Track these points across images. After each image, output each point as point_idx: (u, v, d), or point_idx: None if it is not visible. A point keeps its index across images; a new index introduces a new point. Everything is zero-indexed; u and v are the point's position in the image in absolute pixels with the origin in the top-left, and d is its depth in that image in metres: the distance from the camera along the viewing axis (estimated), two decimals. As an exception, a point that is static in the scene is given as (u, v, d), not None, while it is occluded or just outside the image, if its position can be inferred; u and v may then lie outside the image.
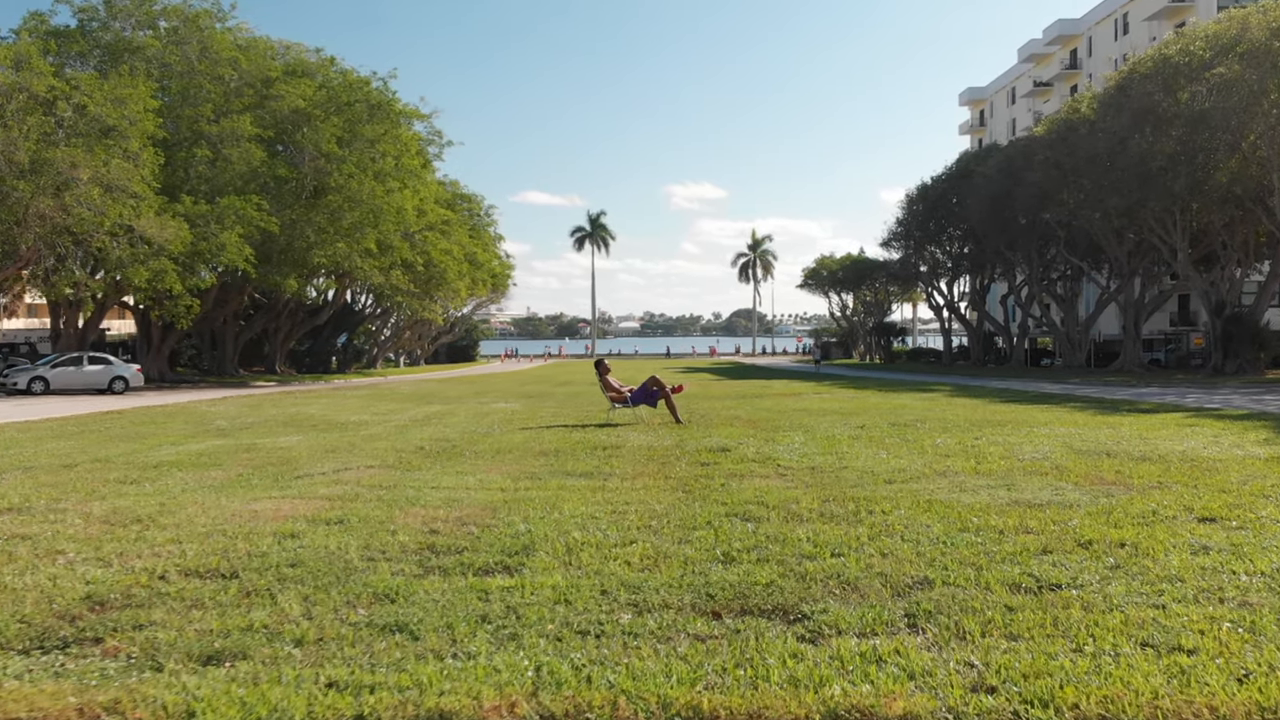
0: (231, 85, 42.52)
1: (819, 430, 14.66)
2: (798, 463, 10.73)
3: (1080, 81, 79.82)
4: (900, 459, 11.03)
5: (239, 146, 39.93)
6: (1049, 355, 72.53)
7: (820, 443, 12.79)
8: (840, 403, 23.05)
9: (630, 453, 11.81)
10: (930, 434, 13.94)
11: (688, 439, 13.39)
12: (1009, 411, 19.23)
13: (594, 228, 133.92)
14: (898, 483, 9.23)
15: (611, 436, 13.80)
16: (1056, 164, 49.56)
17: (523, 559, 5.93)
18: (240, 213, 38.02)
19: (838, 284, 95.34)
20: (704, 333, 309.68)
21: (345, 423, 17.75)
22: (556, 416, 18.67)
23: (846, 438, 13.42)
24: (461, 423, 17.25)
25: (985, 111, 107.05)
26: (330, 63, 46.57)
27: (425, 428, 16.17)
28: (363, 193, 43.15)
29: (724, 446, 12.29)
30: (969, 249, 65.51)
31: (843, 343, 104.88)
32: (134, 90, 36.08)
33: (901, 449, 12.05)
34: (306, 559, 5.98)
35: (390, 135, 45.70)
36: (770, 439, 13.34)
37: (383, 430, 15.76)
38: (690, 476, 9.67)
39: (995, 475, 9.69)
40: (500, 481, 9.37)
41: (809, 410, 19.90)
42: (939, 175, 66.90)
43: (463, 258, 58.32)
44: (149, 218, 34.51)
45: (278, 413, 21.24)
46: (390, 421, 17.90)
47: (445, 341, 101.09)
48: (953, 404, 22.32)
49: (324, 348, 69.68)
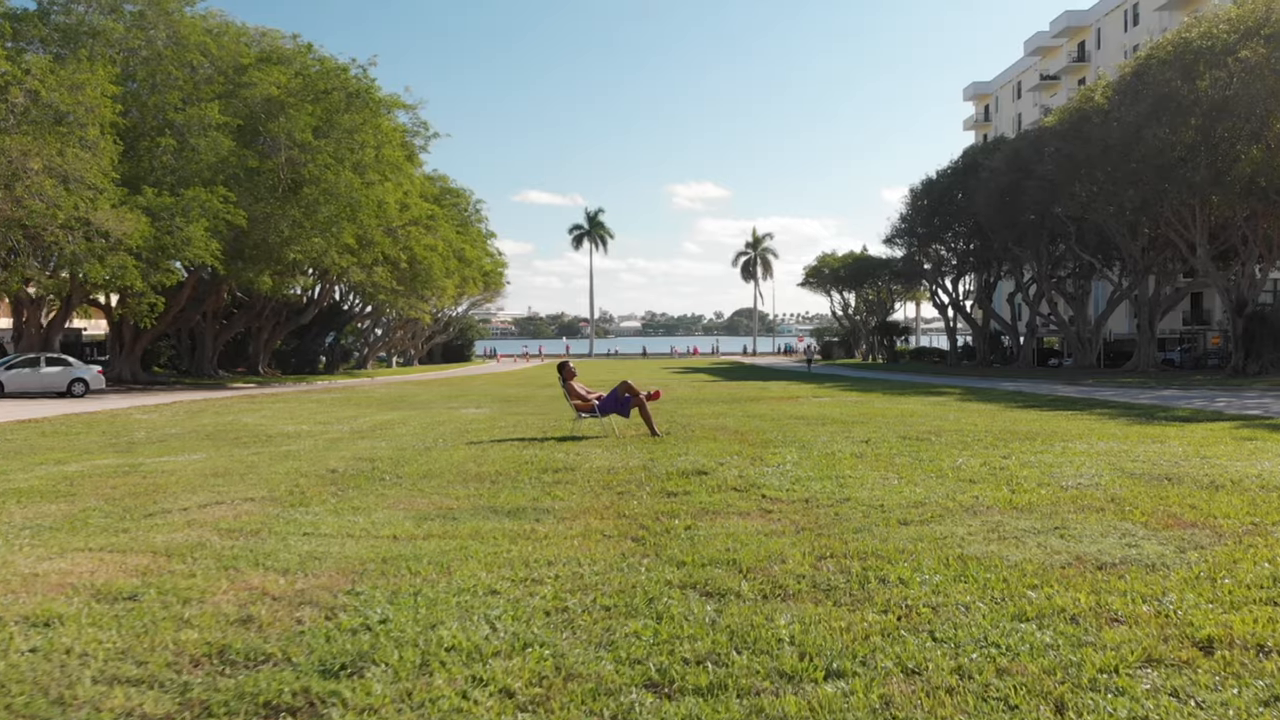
0: (201, 73, 40.34)
1: (817, 445, 12.51)
2: (788, 492, 8.60)
3: (1089, 74, 77.74)
4: (916, 486, 8.90)
5: (206, 136, 37.75)
6: (1056, 355, 70.42)
7: (817, 462, 10.66)
8: (842, 408, 20.90)
9: (584, 477, 9.68)
10: (948, 450, 11.80)
11: (660, 457, 11.25)
12: (1031, 419, 17.08)
13: (592, 225, 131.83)
14: (915, 524, 7.10)
15: (570, 454, 11.66)
16: (1068, 156, 47.41)
17: (341, 686, 3.78)
18: (206, 205, 35.86)
19: (840, 282, 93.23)
20: (705, 332, 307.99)
21: (275, 434, 15.60)
22: (520, 426, 16.57)
23: (849, 455, 11.27)
24: (407, 435, 15.08)
25: (990, 106, 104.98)
26: (307, 50, 44.35)
27: (360, 442, 14.02)
28: (340, 185, 40.97)
29: (701, 468, 10.15)
30: (975, 245, 63.30)
31: (845, 342, 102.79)
32: (92, 76, 33.95)
33: (916, 471, 9.91)
34: (10, 682, 3.86)
35: (370, 125, 43.46)
36: (758, 457, 11.20)
37: (309, 446, 13.60)
38: (649, 514, 7.54)
39: (1039, 512, 7.56)
40: (400, 524, 7.22)
41: (807, 418, 17.76)
42: (944, 169, 64.75)
43: (449, 254, 56.09)
44: (106, 210, 32.36)
45: (212, 422, 19.09)
46: (327, 433, 15.75)
47: (439, 341, 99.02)
48: (966, 410, 20.17)
49: (310, 348, 67.58)
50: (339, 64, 43.50)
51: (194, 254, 36.24)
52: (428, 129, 53.95)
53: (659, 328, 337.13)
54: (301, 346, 66.72)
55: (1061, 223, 52.61)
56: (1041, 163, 49.46)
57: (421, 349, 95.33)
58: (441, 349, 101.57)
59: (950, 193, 62.89)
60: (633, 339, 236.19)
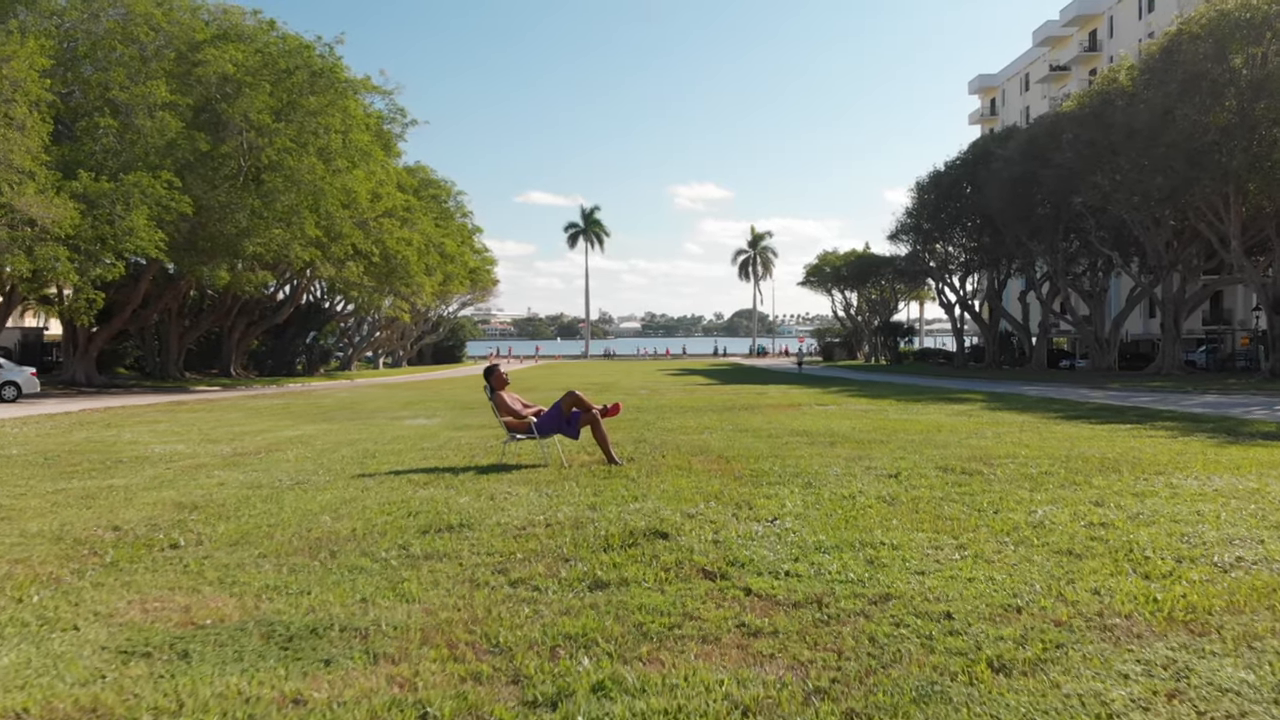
0: (150, 48, 36.92)
1: (828, 480, 9.17)
2: (789, 581, 5.29)
3: (1100, 64, 74.58)
4: (991, 567, 5.58)
5: (153, 116, 34.36)
6: (1067, 356, 67.17)
7: (831, 513, 7.33)
8: (853, 420, 17.50)
9: (474, 548, 6.33)
10: (1012, 489, 8.45)
11: (607, 502, 7.91)
12: (1091, 438, 13.69)
13: (588, 224, 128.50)
14: (1019, 669, 3.83)
15: (479, 497, 8.30)
16: (1089, 142, 44.15)
17: None
18: (148, 192, 32.48)
19: (841, 281, 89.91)
20: (705, 333, 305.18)
21: (134, 459, 12.19)
22: (450, 446, 13.15)
23: (875, 501, 7.92)
24: (289, 462, 11.58)
25: (997, 99, 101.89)
26: (270, 27, 40.89)
27: (219, 473, 10.55)
28: (302, 171, 37.56)
29: (659, 527, 6.78)
30: (985, 240, 59.88)
31: (846, 343, 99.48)
32: (21, 49, 30.61)
33: (981, 532, 6.59)
34: None
35: (336, 107, 40.00)
36: (746, 502, 7.86)
37: (148, 478, 10.12)
38: (537, 647, 4.24)
39: (1225, 630, 4.28)
40: (56, 681, 3.93)
41: (811, 435, 14.39)
42: (953, 160, 61.37)
43: (427, 249, 52.66)
44: (30, 195, 28.98)
45: (81, 438, 15.67)
46: (198, 457, 12.32)
47: (429, 342, 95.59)
48: (1001, 423, 16.80)
49: (287, 348, 64.17)
50: (303, 41, 40.09)
51: (136, 245, 32.91)
52: (405, 115, 50.68)
53: (659, 328, 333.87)
54: (278, 347, 63.41)
55: (1079, 215, 49.32)
56: (1059, 150, 46.23)
57: (410, 350, 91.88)
58: (432, 350, 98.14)
59: (959, 185, 59.64)
60: (632, 340, 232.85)
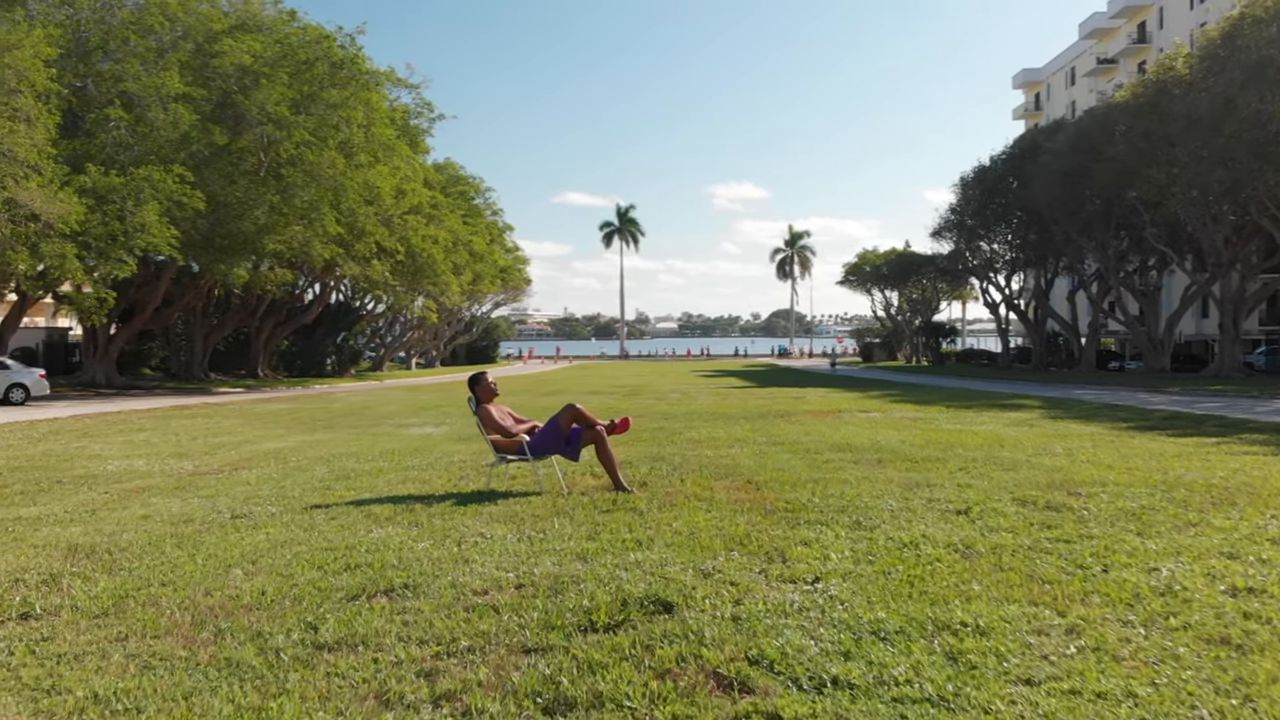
0: (166, 39, 35.73)
1: (881, 517, 7.44)
2: (834, 700, 3.62)
3: (1149, 56, 72.01)
4: (1121, 664, 3.88)
5: (166, 109, 33.13)
6: (1116, 358, 64.71)
7: (889, 570, 5.63)
8: (901, 431, 15.73)
9: (407, 629, 4.65)
10: (1114, 534, 6.68)
11: (601, 552, 6.24)
12: (1179, 455, 11.82)
13: (623, 223, 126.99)
14: None
15: (443, 541, 6.63)
16: (1144, 134, 41.95)
17: None
18: (159, 186, 31.23)
19: (882, 280, 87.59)
20: (743, 333, 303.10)
21: (82, 477, 10.67)
22: (433, 467, 11.35)
23: (944, 551, 6.18)
24: (247, 485, 9.86)
25: (1042, 94, 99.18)
26: (290, 17, 39.64)
27: (154, 501, 8.87)
28: (321, 165, 36.23)
29: (662, 595, 5.10)
30: (1032, 237, 57.63)
31: (886, 343, 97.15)
32: (27, 37, 29.46)
33: (1091, 602, 4.85)
34: None
35: (357, 99, 38.66)
36: (778, 551, 6.18)
37: (63, 509, 8.53)
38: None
39: None
40: None
41: (855, 450, 12.65)
42: (998, 155, 59.19)
43: (454, 246, 51.22)
44: (33, 189, 27.77)
45: (45, 450, 14.24)
46: (146, 477, 10.70)
47: (462, 342, 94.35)
48: (1068, 435, 14.97)
49: (316, 349, 63.11)
50: (324, 32, 38.76)
51: (147, 242, 31.70)
52: (432, 109, 49.37)
53: (695, 329, 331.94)
54: (307, 347, 62.40)
55: (1132, 210, 47.05)
56: (1111, 143, 44.02)
57: (444, 350, 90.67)
58: (465, 350, 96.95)
59: (1005, 180, 57.46)
60: (668, 340, 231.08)
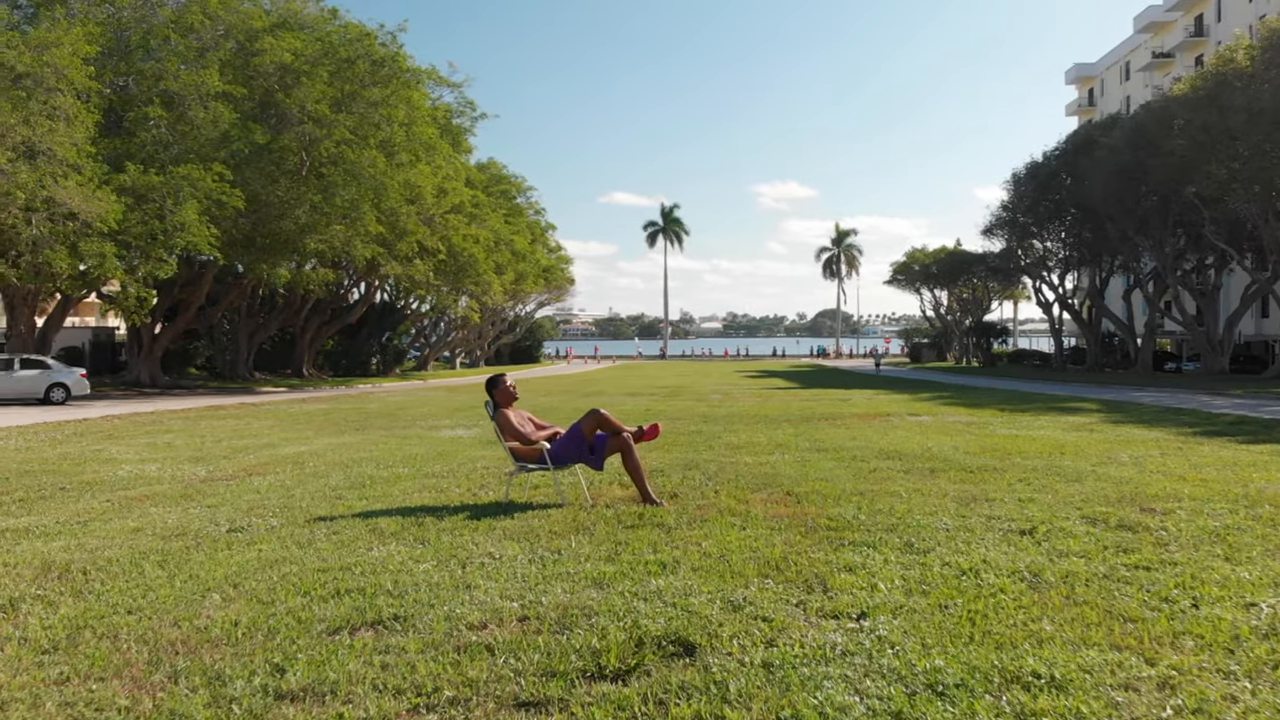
0: (207, 37, 35.60)
1: (935, 537, 6.73)
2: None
3: (1207, 50, 70.20)
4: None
5: (206, 107, 32.96)
6: (1172, 359, 63.06)
7: (946, 604, 4.92)
8: (953, 436, 14.95)
9: (383, 676, 3.99)
10: (1200, 560, 5.90)
11: (622, 572, 5.58)
12: (1255, 464, 10.91)
13: (667, 222, 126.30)
14: None
15: (443, 565, 5.95)
16: (1203, 128, 40.64)
17: None
18: (197, 184, 31.04)
19: (931, 279, 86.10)
20: (788, 333, 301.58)
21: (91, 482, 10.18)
22: (454, 474, 10.65)
23: (1009, 581, 5.44)
24: (256, 493, 9.33)
25: (1095, 89, 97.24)
26: (332, 15, 39.41)
27: (152, 511, 8.34)
28: (362, 164, 35.92)
29: (682, 633, 4.38)
30: (1086, 235, 56.24)
31: (935, 344, 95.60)
32: (66, 34, 29.35)
33: (1184, 647, 4.12)
34: None
35: (398, 98, 38.33)
36: (819, 579, 5.48)
37: (60, 518, 8.02)
38: None
39: None
40: None
41: (905, 458, 11.91)
42: (1051, 150, 57.85)
43: (496, 246, 50.83)
44: (70, 188, 27.63)
45: (64, 453, 13.78)
46: (155, 483, 10.18)
47: (506, 342, 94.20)
48: (1131, 441, 14.11)
49: (361, 348, 63.22)
50: (365, 29, 38.48)
51: (187, 241, 31.53)
52: (474, 108, 49.06)
53: (740, 329, 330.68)
54: (352, 347, 62.55)
55: (1190, 207, 45.66)
56: (1169, 137, 42.72)
57: (488, 350, 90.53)
58: (510, 350, 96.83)
59: (1058, 177, 56.11)
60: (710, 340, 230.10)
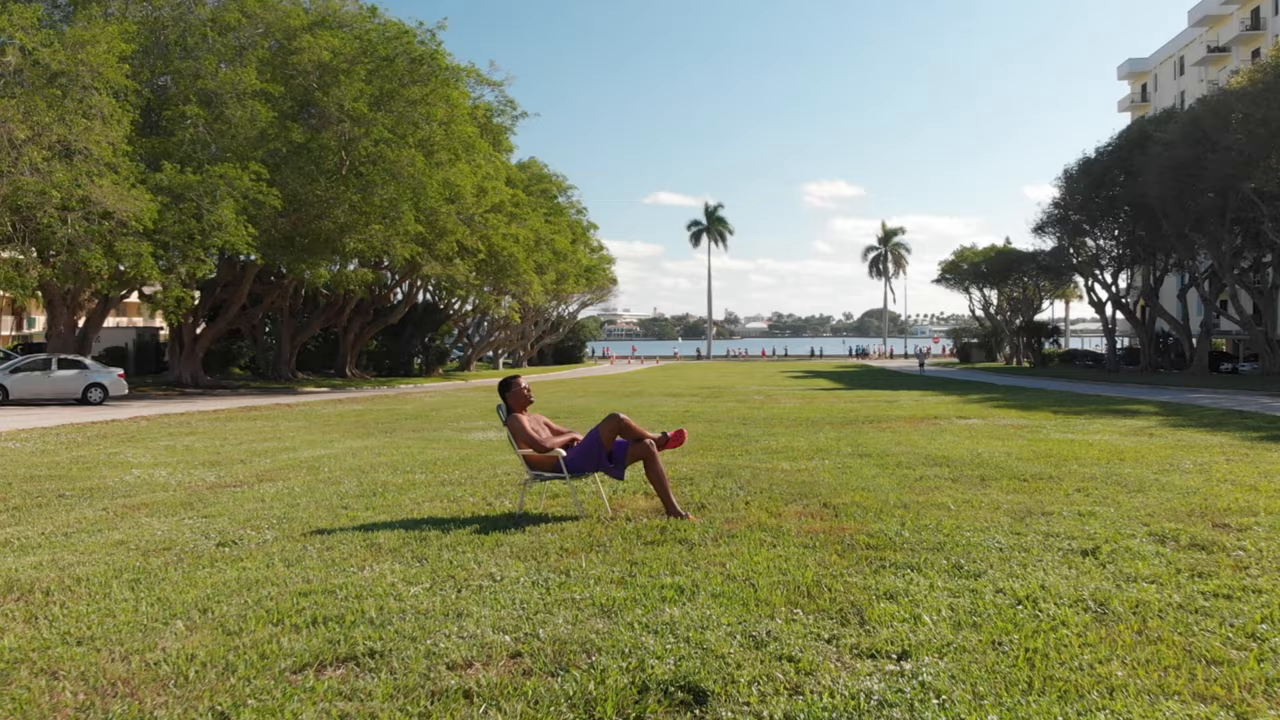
0: (245, 36, 35.43)
1: (987, 558, 6.04)
2: None
3: (1264, 44, 68.40)
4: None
5: (243, 105, 32.76)
6: (1228, 359, 61.39)
7: (1000, 642, 4.22)
8: (1004, 440, 14.18)
9: None
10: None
11: (633, 598, 4.93)
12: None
13: (711, 221, 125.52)
14: None
15: (437, 589, 5.33)
16: (1263, 121, 39.43)
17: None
18: (234, 183, 30.83)
19: (980, 278, 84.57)
20: (834, 333, 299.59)
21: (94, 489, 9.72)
22: (472, 482, 10.09)
23: (1072, 611, 4.72)
24: (260, 502, 8.83)
25: (1148, 85, 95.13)
26: (371, 13, 39.13)
27: (146, 520, 7.80)
28: (400, 163, 35.59)
29: (693, 678, 3.74)
30: (1140, 233, 54.82)
31: (985, 344, 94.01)
32: (102, 32, 29.23)
33: None
34: None
35: (437, 96, 37.95)
36: (855, 609, 4.80)
37: (46, 529, 7.55)
38: None
39: None
40: None
41: (953, 465, 11.19)
42: (1105, 146, 56.42)
43: (535, 245, 50.39)
44: (106, 187, 27.47)
45: (77, 456, 13.38)
46: (160, 489, 9.70)
47: (549, 342, 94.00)
48: (1194, 446, 13.26)
49: (404, 349, 63.27)
50: (404, 27, 38.15)
51: (224, 240, 31.34)
52: (515, 107, 48.67)
53: (786, 329, 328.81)
54: (394, 347, 62.61)
55: (1249, 203, 44.28)
56: (1227, 132, 41.48)
57: (531, 350, 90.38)
58: (552, 350, 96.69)
59: (1111, 173, 54.71)
60: (756, 340, 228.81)
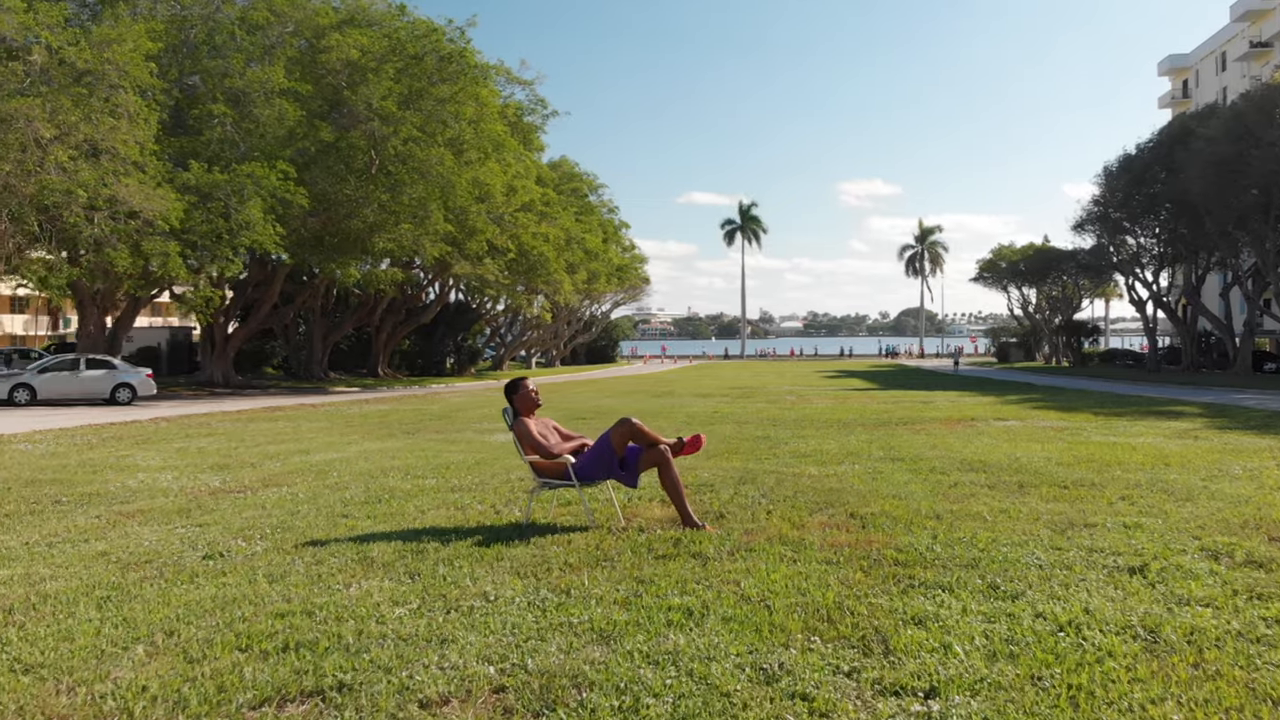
0: (273, 34, 35.29)
1: (1026, 577, 5.52)
2: None
3: (1310, 37, 66.99)
4: None
5: (270, 104, 32.60)
6: (1272, 358, 60.13)
7: (1041, 675, 3.75)
8: (1044, 444, 13.59)
9: None
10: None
11: (636, 622, 4.46)
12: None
13: (745, 220, 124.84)
14: None
15: (425, 610, 4.93)
16: (1309, 115, 38.45)
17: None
18: (261, 182, 30.66)
19: (1018, 277, 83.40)
20: (870, 332, 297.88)
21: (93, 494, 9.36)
22: (480, 489, 9.63)
23: (1120, 640, 4.24)
24: (259, 509, 8.44)
25: (1189, 81, 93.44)
26: (400, 11, 38.88)
27: (135, 529, 7.42)
28: (429, 162, 35.32)
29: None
30: (1182, 230, 53.67)
31: (1024, 343, 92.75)
32: (129, 31, 29.12)
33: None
34: None
35: (466, 94, 37.65)
36: (879, 635, 4.33)
37: (30, 538, 7.15)
38: None
39: None
40: None
41: (990, 469, 10.65)
42: (1145, 143, 55.29)
43: (566, 244, 50.04)
44: (131, 185, 27.35)
45: (84, 460, 13.09)
46: (161, 494, 9.33)
47: (582, 342, 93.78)
48: (1242, 450, 12.57)
49: (436, 348, 63.23)
50: (432, 25, 37.87)
51: (252, 239, 31.19)
52: (545, 105, 48.37)
53: (821, 328, 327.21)
54: (427, 347, 62.59)
55: (1296, 201, 43.24)
56: (1271, 127, 40.55)
57: (564, 349, 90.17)
58: (585, 349, 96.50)
59: (1152, 170, 53.59)
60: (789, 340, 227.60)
